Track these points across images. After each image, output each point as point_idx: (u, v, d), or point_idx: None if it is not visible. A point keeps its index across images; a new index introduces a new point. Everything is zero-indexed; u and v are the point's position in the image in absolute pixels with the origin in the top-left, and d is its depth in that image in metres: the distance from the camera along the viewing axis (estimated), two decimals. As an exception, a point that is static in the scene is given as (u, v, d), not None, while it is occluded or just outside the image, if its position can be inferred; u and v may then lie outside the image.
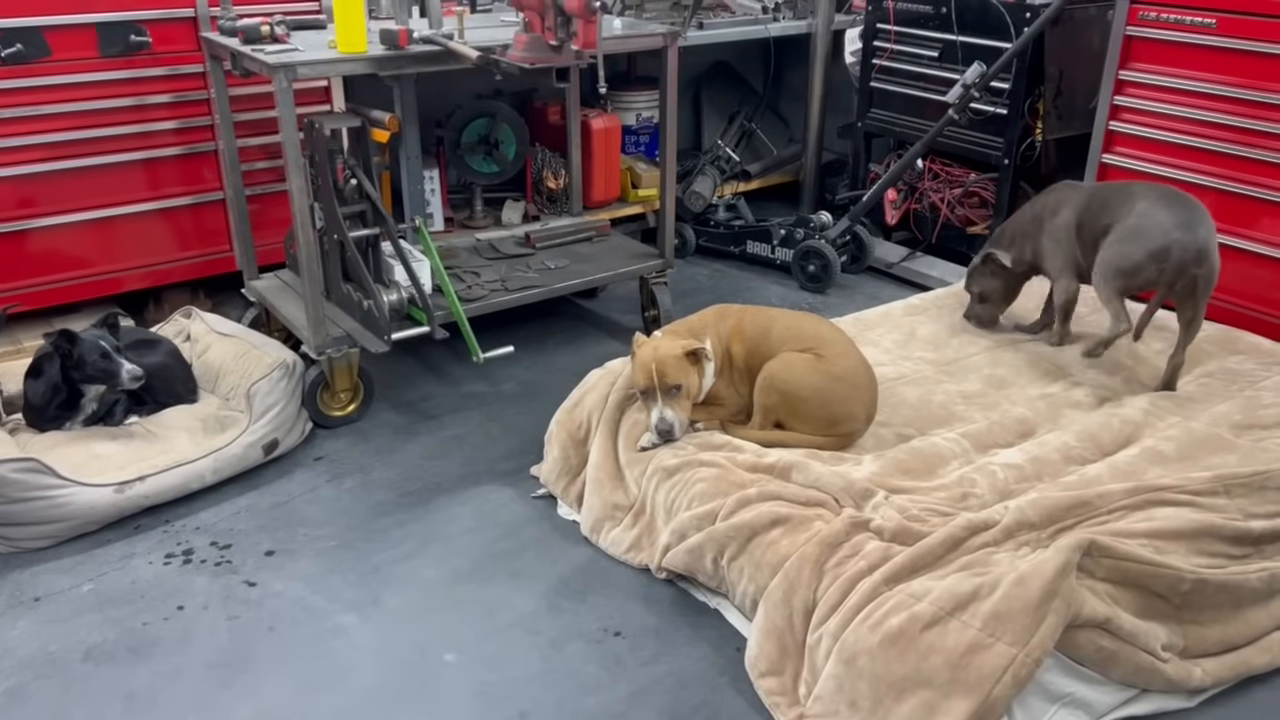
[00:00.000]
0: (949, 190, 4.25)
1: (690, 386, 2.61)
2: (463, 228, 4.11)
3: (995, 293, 3.29)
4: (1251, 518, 2.35)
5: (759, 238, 4.50)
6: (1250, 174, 3.32)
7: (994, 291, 3.28)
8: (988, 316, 3.32)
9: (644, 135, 4.73)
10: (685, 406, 2.61)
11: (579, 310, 4.06)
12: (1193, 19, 3.36)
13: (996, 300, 3.30)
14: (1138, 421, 2.75)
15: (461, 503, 2.83)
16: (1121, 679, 2.07)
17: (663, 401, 2.58)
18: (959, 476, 2.51)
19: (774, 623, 2.18)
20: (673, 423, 2.59)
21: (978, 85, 3.82)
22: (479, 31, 3.22)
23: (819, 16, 4.67)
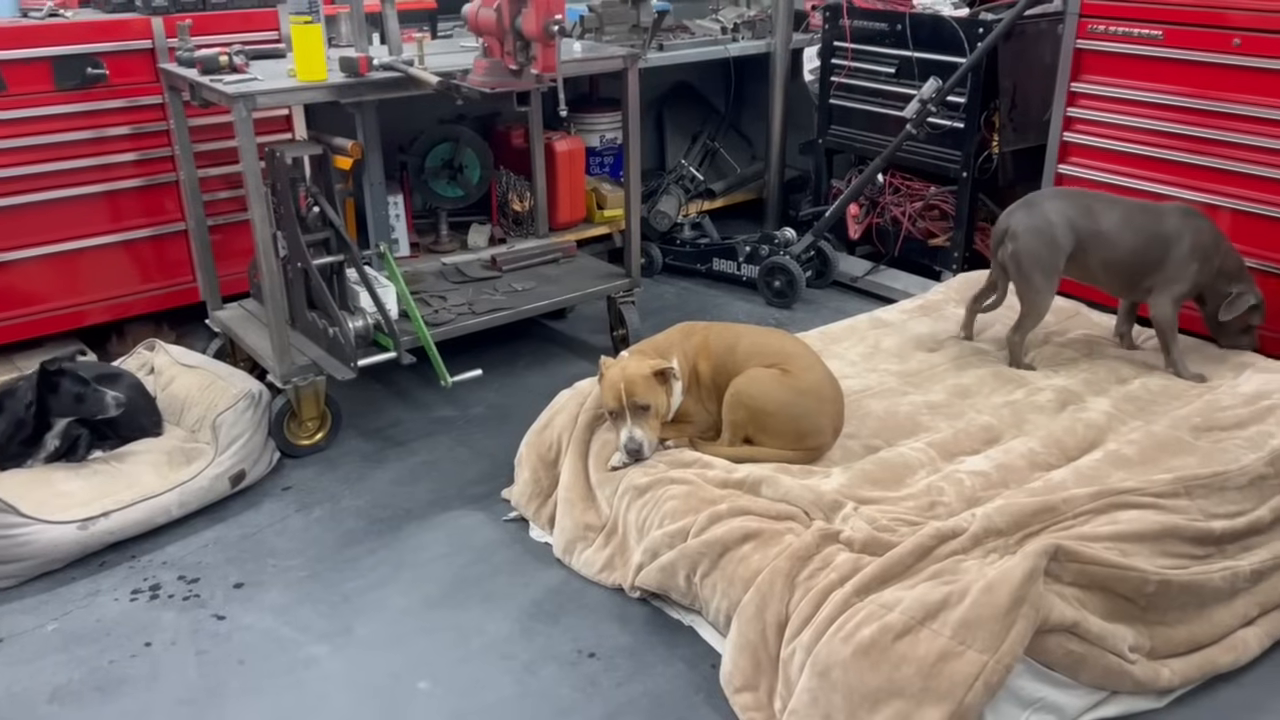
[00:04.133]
0: (910, 204, 4.31)
1: (658, 406, 2.62)
2: (428, 252, 4.11)
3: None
4: (1212, 518, 2.39)
5: (725, 255, 4.53)
6: (1200, 180, 3.39)
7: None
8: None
9: (608, 156, 4.75)
10: (654, 426, 2.62)
11: (547, 331, 4.07)
12: (1140, 31, 3.44)
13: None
14: (1101, 426, 2.79)
15: (432, 528, 2.81)
16: (1091, 682, 2.09)
17: (632, 421, 2.59)
18: (926, 485, 2.53)
19: (748, 638, 2.18)
20: (642, 442, 2.59)
21: (934, 100, 3.88)
22: (439, 57, 3.24)
23: (777, 36, 4.73)
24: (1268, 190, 3.24)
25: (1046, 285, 3.12)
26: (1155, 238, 3.01)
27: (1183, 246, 2.99)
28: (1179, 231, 3.01)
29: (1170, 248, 3.00)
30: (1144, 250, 3.03)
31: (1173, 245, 3.00)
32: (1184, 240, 3.00)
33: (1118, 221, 3.06)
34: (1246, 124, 3.25)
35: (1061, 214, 3.09)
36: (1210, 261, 3.01)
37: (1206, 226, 3.03)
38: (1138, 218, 3.06)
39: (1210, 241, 3.02)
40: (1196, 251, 2.99)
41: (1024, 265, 3.11)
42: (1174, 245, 3.00)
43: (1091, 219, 3.07)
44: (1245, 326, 3.14)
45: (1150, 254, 3.03)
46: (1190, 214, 3.05)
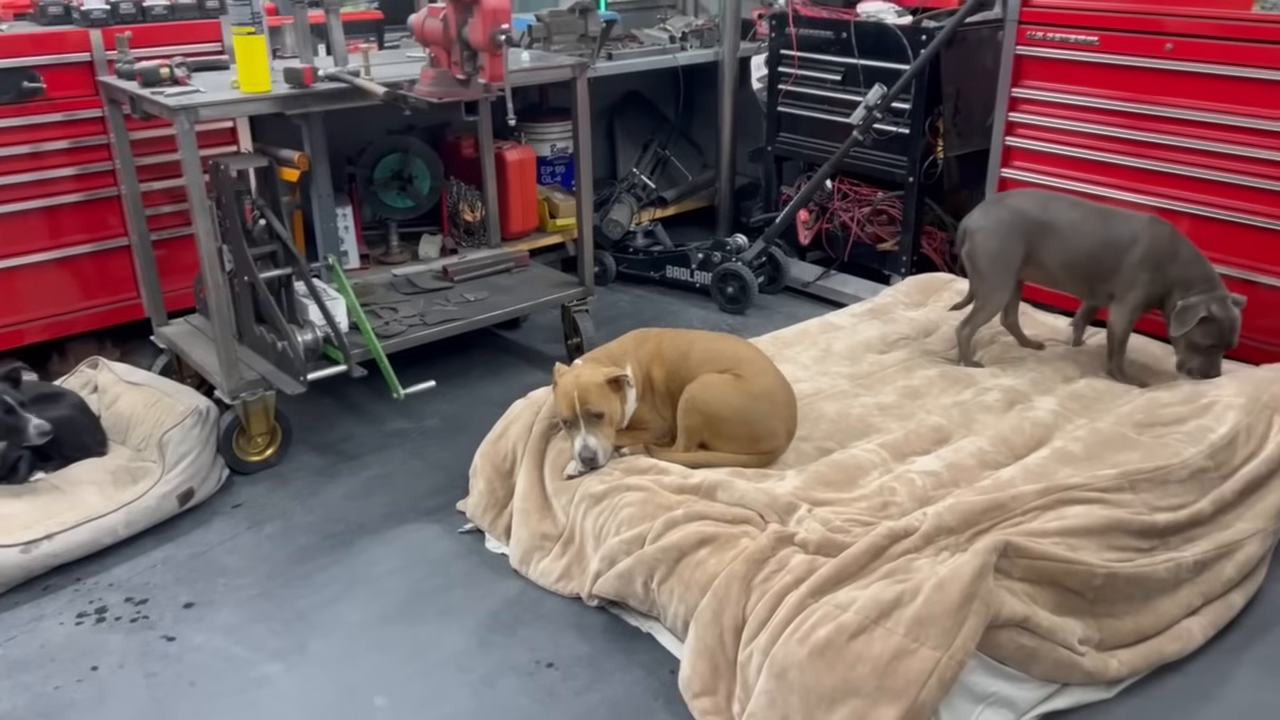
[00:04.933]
0: (858, 209, 4.36)
1: (613, 414, 2.62)
2: (379, 264, 4.07)
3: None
4: (1156, 511, 2.44)
5: (678, 262, 4.55)
6: (1138, 182, 3.47)
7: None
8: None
9: (559, 165, 4.75)
10: (608, 434, 2.62)
11: (501, 341, 4.05)
12: (1077, 37, 3.52)
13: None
14: (1048, 424, 2.84)
15: (386, 542, 2.79)
16: (1042, 675, 2.12)
17: (586, 429, 2.59)
18: (879, 486, 2.56)
19: (705, 642, 2.19)
20: (596, 450, 2.59)
21: (879, 106, 3.94)
22: (386, 68, 3.22)
23: (725, 44, 4.77)
24: (1201, 191, 3.33)
25: (999, 282, 3.17)
26: (1110, 242, 3.03)
27: (1135, 253, 2.99)
28: (1134, 238, 3.00)
29: (1124, 254, 3.00)
30: (1099, 253, 3.04)
31: (1126, 251, 3.00)
32: (1137, 247, 2.98)
33: (1074, 223, 3.08)
34: (1180, 127, 3.34)
35: (1018, 212, 3.15)
36: (1162, 271, 2.97)
37: (1164, 235, 2.98)
38: (1095, 221, 3.07)
39: (1165, 251, 2.97)
40: (1148, 260, 2.97)
41: (978, 261, 3.17)
42: (1127, 252, 3.00)
43: (1048, 218, 3.11)
44: (1198, 345, 2.96)
45: (1105, 258, 3.04)
46: (1154, 223, 3.02)
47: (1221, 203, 3.29)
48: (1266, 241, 3.22)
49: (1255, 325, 3.25)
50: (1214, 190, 3.30)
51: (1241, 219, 3.25)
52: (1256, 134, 3.17)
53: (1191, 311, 2.91)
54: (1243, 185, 3.23)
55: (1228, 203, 3.28)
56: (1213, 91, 3.24)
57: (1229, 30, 3.16)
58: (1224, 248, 3.27)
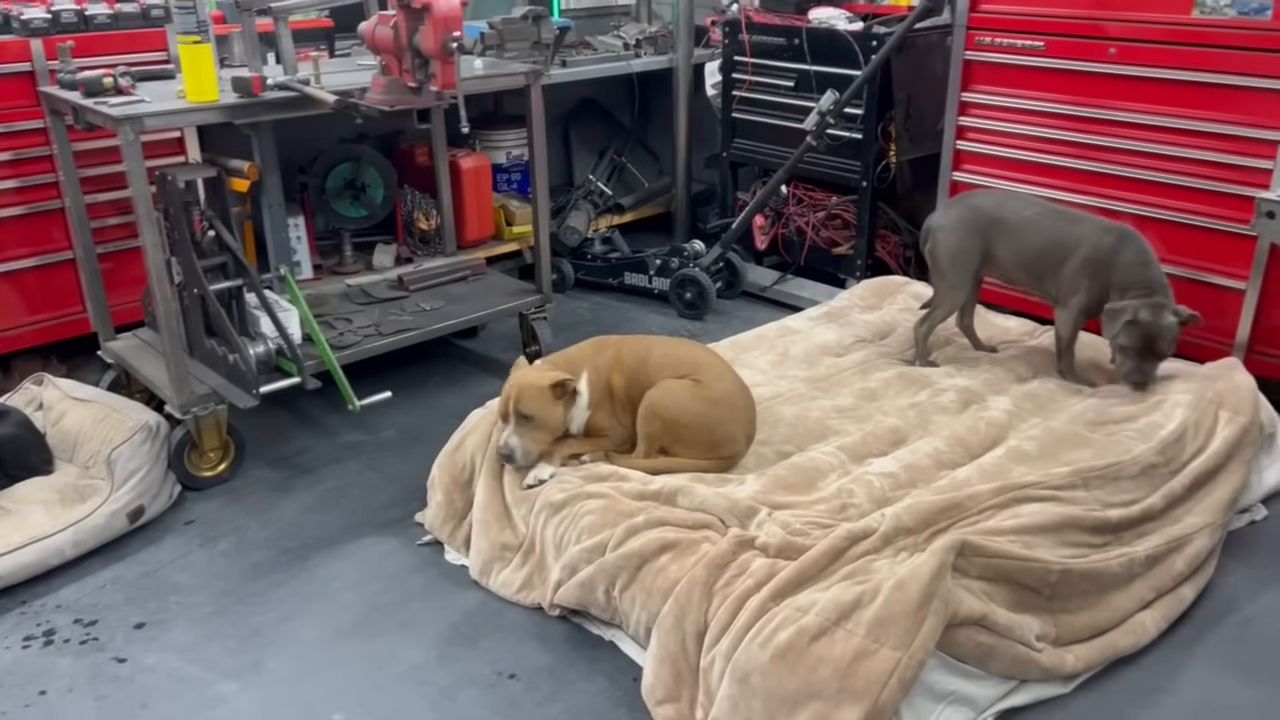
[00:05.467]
0: (813, 214, 4.39)
1: (547, 419, 2.61)
2: (333, 274, 4.02)
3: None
4: (1109, 507, 2.49)
5: (636, 269, 4.55)
6: (1084, 184, 3.54)
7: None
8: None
9: (515, 173, 4.73)
10: (536, 437, 2.61)
11: (459, 350, 4.02)
12: (1024, 43, 3.58)
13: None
14: (1002, 423, 2.88)
15: (343, 557, 2.75)
16: (1001, 672, 2.15)
17: (514, 428, 2.60)
18: (837, 488, 2.57)
19: (667, 649, 2.18)
20: (514, 449, 2.59)
21: (832, 112, 3.97)
22: (336, 76, 3.18)
23: (679, 51, 4.79)
24: (1145, 192, 3.40)
25: (956, 279, 3.22)
26: (1056, 243, 3.06)
27: (1077, 257, 3.01)
28: (1078, 241, 3.02)
29: (1067, 256, 3.03)
30: (1045, 253, 3.08)
31: (1070, 254, 3.03)
32: (1079, 250, 3.01)
33: (1028, 220, 3.11)
34: (1124, 129, 3.40)
35: (976, 210, 3.19)
36: (1099, 277, 2.98)
37: (1109, 242, 2.97)
38: (1049, 221, 3.09)
39: (1106, 256, 2.97)
40: (1088, 264, 2.99)
41: (938, 258, 3.22)
42: (1071, 254, 3.02)
43: (1003, 216, 3.14)
44: (1126, 349, 2.91)
45: (1050, 258, 3.07)
46: (1105, 229, 3.01)
47: (1165, 203, 3.36)
48: (1208, 241, 3.29)
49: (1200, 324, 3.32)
50: (1157, 191, 3.37)
51: (1184, 219, 3.32)
52: (1196, 135, 3.24)
53: (1117, 315, 2.89)
54: (1185, 186, 3.30)
55: (1171, 203, 3.35)
56: (1154, 94, 3.31)
57: (1169, 35, 3.23)
58: (1168, 248, 3.34)
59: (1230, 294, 3.26)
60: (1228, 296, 3.26)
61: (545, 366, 2.74)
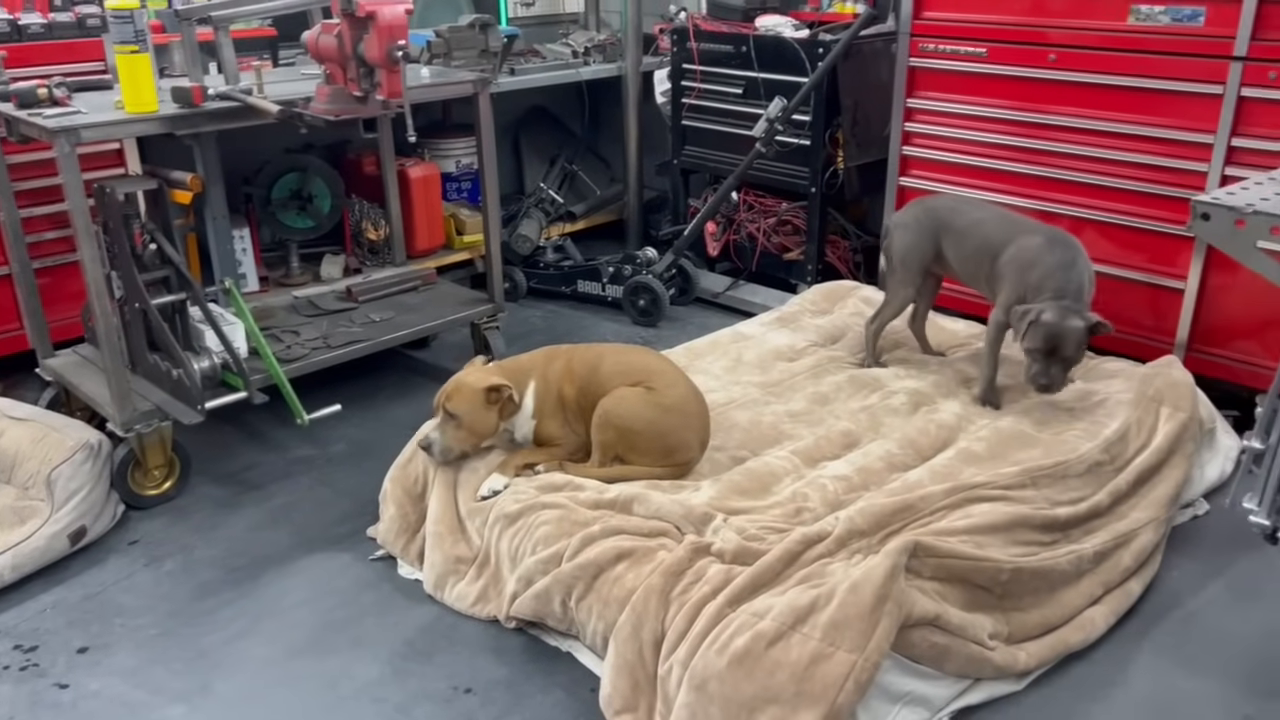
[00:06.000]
0: (764, 220, 4.42)
1: (475, 422, 2.63)
2: (279, 286, 3.96)
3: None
4: (1057, 505, 2.53)
5: (589, 276, 4.55)
6: (1027, 187, 3.60)
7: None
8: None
9: (465, 181, 4.70)
10: (460, 438, 2.64)
11: (410, 362, 3.97)
12: (966, 49, 3.64)
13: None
14: (952, 425, 2.91)
15: (294, 573, 2.70)
16: (955, 671, 2.17)
17: (439, 423, 2.63)
18: (792, 492, 2.58)
19: (625, 658, 2.17)
20: (432, 443, 2.63)
21: (780, 119, 4.00)
22: (280, 85, 3.14)
23: (628, 59, 4.79)
24: (1085, 195, 3.47)
25: (905, 276, 3.26)
26: (989, 245, 3.08)
27: (1002, 259, 3.01)
28: (1005, 243, 3.01)
29: (997, 257, 3.04)
30: (979, 253, 3.11)
31: (998, 255, 3.04)
32: (1005, 252, 3.00)
33: (973, 223, 3.14)
34: (1065, 134, 3.47)
35: (929, 210, 3.24)
36: (1024, 277, 2.94)
37: (1035, 243, 2.95)
38: (991, 224, 3.11)
39: (1028, 260, 2.94)
40: (1010, 265, 2.99)
41: (892, 255, 3.29)
42: (999, 255, 3.04)
43: (952, 217, 3.18)
44: (1031, 350, 2.84)
45: (983, 256, 3.10)
46: (1038, 232, 3.00)
47: (1106, 206, 3.43)
48: (1149, 242, 3.36)
49: (1140, 323, 3.40)
50: (1099, 194, 3.44)
51: (1125, 221, 3.40)
52: (1135, 139, 3.31)
53: (1023, 316, 2.84)
54: (1125, 189, 3.37)
55: (1112, 206, 3.42)
56: (1094, 100, 3.38)
57: (1106, 41, 3.30)
58: (1111, 250, 3.42)
59: (1170, 294, 3.33)
60: (1168, 296, 3.34)
61: (492, 370, 2.73)
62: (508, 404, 2.67)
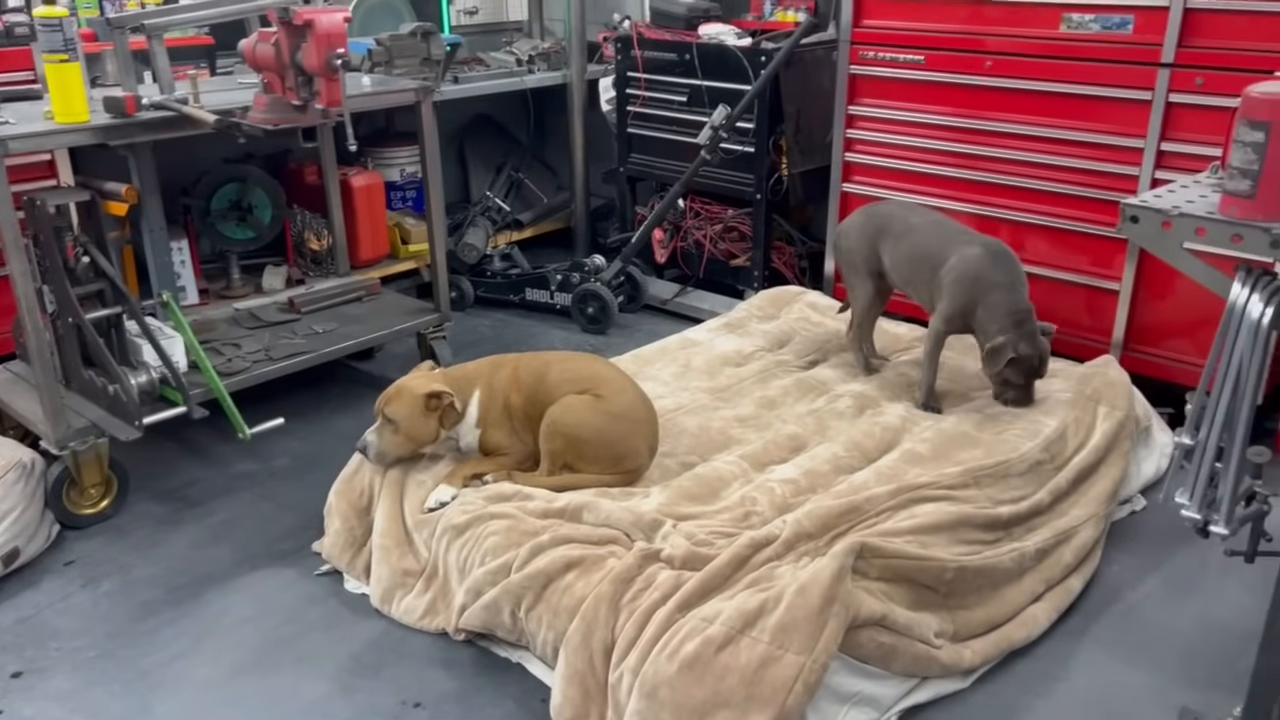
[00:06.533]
0: (710, 227, 4.44)
1: (412, 429, 2.64)
2: (220, 298, 3.89)
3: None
4: (999, 504, 2.57)
5: (537, 285, 4.53)
6: (967, 193, 3.66)
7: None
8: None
9: (410, 190, 4.66)
10: (397, 443, 2.65)
11: (354, 373, 3.92)
12: (905, 56, 3.70)
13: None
14: (896, 427, 2.95)
15: (237, 591, 2.65)
16: (902, 670, 2.19)
17: (377, 425, 2.65)
18: (741, 497, 2.59)
19: (575, 667, 2.16)
20: (367, 445, 2.65)
21: (725, 126, 4.03)
22: (217, 94, 3.09)
23: (573, 68, 4.80)
24: (1023, 199, 3.54)
25: (852, 279, 3.33)
26: (928, 256, 3.09)
27: (943, 269, 3.02)
28: (946, 256, 3.02)
29: (936, 270, 3.06)
30: (918, 264, 3.13)
31: (938, 268, 3.05)
32: (944, 265, 3.01)
33: (911, 229, 3.16)
34: (1002, 139, 3.54)
35: (871, 218, 3.27)
36: (964, 291, 2.96)
37: (976, 256, 2.96)
38: (928, 233, 3.13)
39: (970, 276, 2.95)
40: (949, 275, 2.99)
41: (838, 259, 3.38)
42: (939, 269, 3.05)
43: (892, 225, 3.20)
44: (1011, 382, 2.95)
45: (922, 269, 3.11)
46: (978, 243, 3.02)
47: (1044, 210, 3.50)
48: (1085, 245, 3.44)
49: (1078, 324, 3.48)
50: (1036, 198, 3.51)
51: (1062, 225, 3.47)
52: (1070, 144, 3.39)
53: (1000, 354, 2.88)
54: (1061, 193, 3.45)
55: (1049, 210, 3.49)
56: (1030, 106, 3.45)
57: (1040, 48, 3.38)
58: (1048, 253, 3.49)
59: (1106, 295, 3.41)
60: (1104, 298, 3.42)
61: (436, 377, 2.73)
62: (449, 411, 2.66)
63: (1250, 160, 1.69)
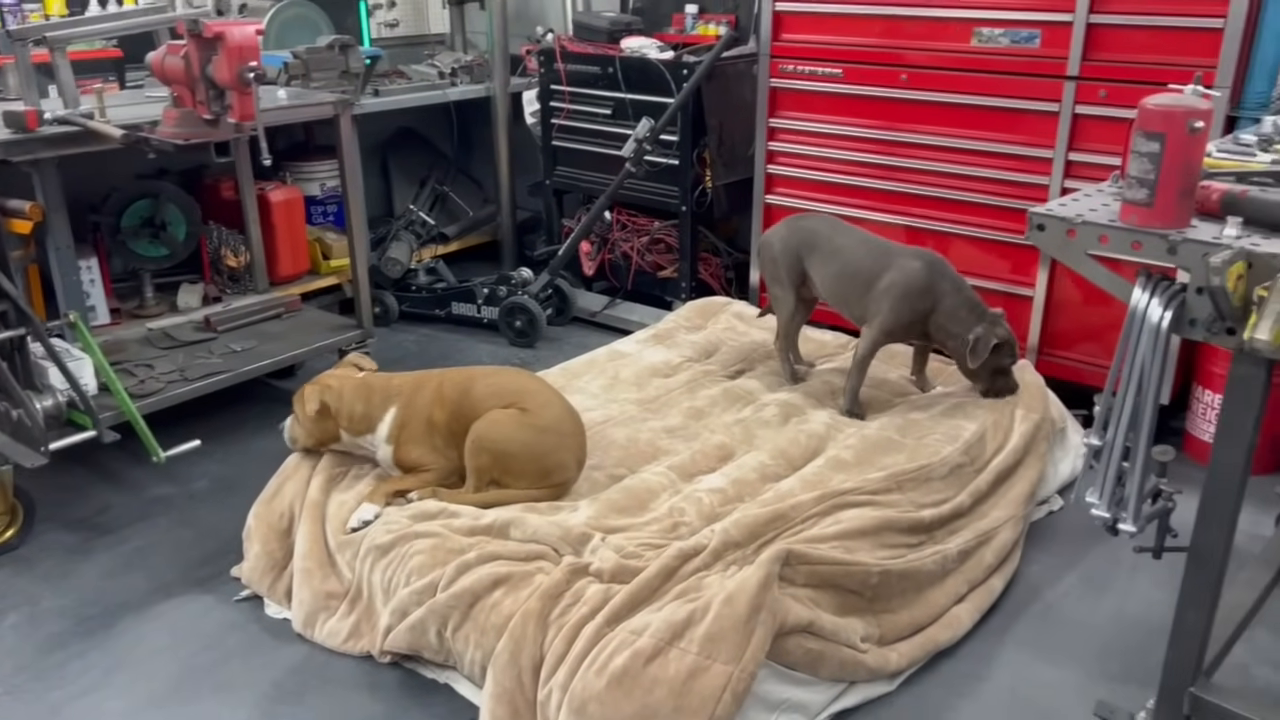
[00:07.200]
0: (637, 239, 4.46)
1: (313, 429, 2.72)
2: (133, 318, 3.77)
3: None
4: (922, 508, 2.62)
5: (463, 298, 4.49)
6: (887, 203, 3.74)
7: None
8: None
9: (331, 205, 4.59)
10: (302, 435, 2.75)
11: (275, 392, 3.83)
12: (824, 70, 3.76)
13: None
14: (822, 434, 2.98)
15: (152, 619, 2.56)
16: (830, 676, 2.21)
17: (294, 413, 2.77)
18: (669, 508, 2.59)
19: (503, 686, 2.13)
20: (284, 427, 2.78)
21: (648, 139, 4.05)
22: (126, 109, 3.01)
23: (496, 80, 4.78)
24: (940, 209, 3.62)
25: (779, 293, 3.35)
26: (859, 274, 3.12)
27: (881, 284, 3.04)
28: (884, 269, 3.05)
29: (873, 283, 3.08)
30: (849, 279, 3.15)
31: (876, 281, 3.07)
32: (884, 278, 3.04)
33: (838, 249, 3.18)
34: (918, 151, 3.62)
35: (796, 231, 3.29)
36: (910, 303, 3.00)
37: (918, 269, 3.00)
38: (859, 250, 3.15)
39: (918, 285, 2.99)
40: (893, 290, 3.02)
41: (762, 269, 3.41)
42: (876, 281, 3.05)
43: (817, 240, 3.23)
44: (997, 369, 3.04)
45: (854, 284, 3.13)
46: (916, 256, 3.05)
47: (961, 219, 3.59)
48: (1002, 253, 3.53)
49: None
50: (953, 208, 3.60)
51: (979, 234, 3.56)
52: (983, 155, 3.48)
53: (984, 342, 2.93)
54: (977, 203, 3.54)
55: (966, 219, 3.58)
56: (944, 118, 3.54)
57: (953, 61, 3.47)
58: (966, 260, 3.56)
59: (1022, 301, 3.51)
60: (1020, 304, 3.51)
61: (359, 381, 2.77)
62: (355, 420, 2.68)
63: (1147, 170, 1.75)
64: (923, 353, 3.30)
